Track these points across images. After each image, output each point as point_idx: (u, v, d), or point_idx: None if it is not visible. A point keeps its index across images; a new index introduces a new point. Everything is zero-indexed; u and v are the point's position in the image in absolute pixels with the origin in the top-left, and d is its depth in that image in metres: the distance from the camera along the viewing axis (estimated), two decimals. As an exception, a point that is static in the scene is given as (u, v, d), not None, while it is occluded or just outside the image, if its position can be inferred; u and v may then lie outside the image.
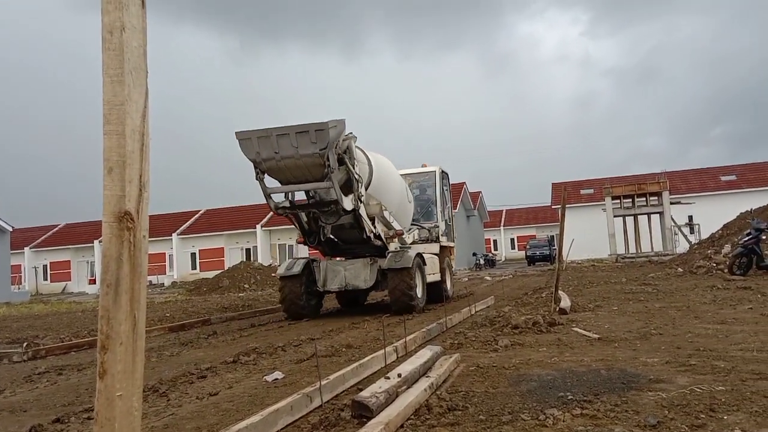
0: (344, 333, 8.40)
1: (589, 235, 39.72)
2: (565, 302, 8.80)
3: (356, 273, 11.33)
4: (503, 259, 66.16)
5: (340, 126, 9.73)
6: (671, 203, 35.16)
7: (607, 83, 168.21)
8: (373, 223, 11.20)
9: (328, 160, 9.47)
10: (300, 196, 10.86)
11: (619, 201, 35.38)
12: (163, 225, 50.36)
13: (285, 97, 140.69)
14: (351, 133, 10.21)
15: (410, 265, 10.79)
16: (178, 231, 49.03)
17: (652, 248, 35.35)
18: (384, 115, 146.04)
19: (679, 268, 17.93)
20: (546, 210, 65.34)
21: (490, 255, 49.71)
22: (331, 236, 11.45)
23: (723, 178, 46.94)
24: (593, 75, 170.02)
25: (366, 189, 10.80)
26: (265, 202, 10.27)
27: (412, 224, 13.36)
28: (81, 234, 52.80)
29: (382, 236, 11.38)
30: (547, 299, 10.17)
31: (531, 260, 44.53)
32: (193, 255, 48.79)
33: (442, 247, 13.57)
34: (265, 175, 9.95)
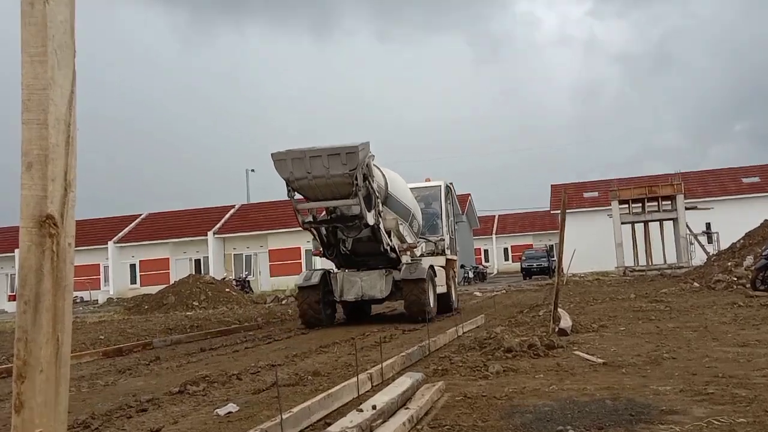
0: (311, 358, 8.36)
1: (593, 245, 40.05)
2: (566, 322, 8.87)
3: (372, 284, 13.61)
4: (495, 271, 66.53)
5: (366, 148, 12.20)
6: (686, 208, 35.68)
7: (616, 71, 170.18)
8: (389, 237, 13.51)
9: (356, 179, 11.94)
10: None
11: (627, 206, 35.79)
12: (97, 231, 49.67)
13: (245, 82, 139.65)
14: (370, 152, 12.45)
15: (424, 277, 13.14)
16: (115, 238, 48.41)
17: (664, 260, 35.83)
18: (359, 104, 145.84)
19: (695, 283, 18.21)
20: (544, 216, 65.91)
21: (481, 267, 49.96)
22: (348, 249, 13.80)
23: (745, 180, 47.81)
24: (600, 61, 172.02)
25: (382, 204, 13.21)
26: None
27: (419, 237, 15.69)
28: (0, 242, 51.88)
29: (397, 249, 13.72)
30: (544, 318, 10.23)
31: (527, 273, 44.80)
32: (132, 267, 48.19)
33: (447, 260, 15.97)
34: (295, 192, 12.44)
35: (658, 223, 36.38)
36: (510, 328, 9.42)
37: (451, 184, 17.55)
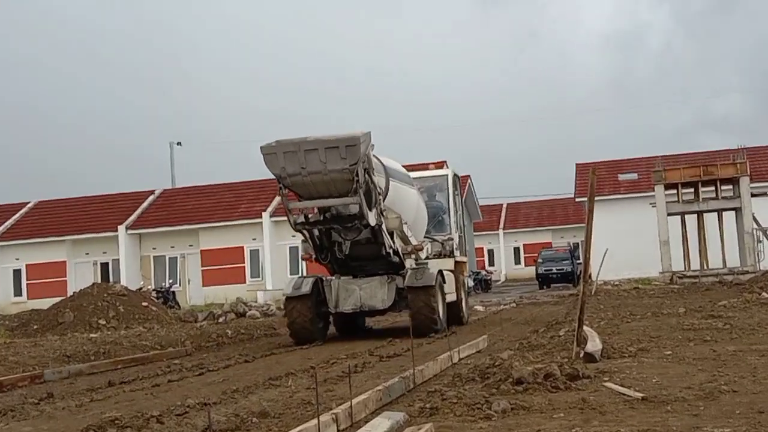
0: (256, 394, 8.37)
1: (630, 243, 40.27)
2: (594, 344, 8.94)
3: (373, 292, 15.36)
4: (503, 278, 66.82)
5: (368, 139, 13.94)
6: (753, 195, 35.84)
7: (662, 16, 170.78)
8: (392, 238, 15.27)
9: (357, 175, 13.62)
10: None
11: (675, 191, 35.88)
12: (-31, 225, 49.09)
13: (167, 27, 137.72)
14: (371, 142, 14.16)
15: (433, 283, 14.98)
16: (-8, 235, 47.92)
17: (724, 263, 36.04)
18: (318, 56, 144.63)
19: (764, 293, 18.43)
20: (567, 204, 66.32)
21: (483, 273, 50.08)
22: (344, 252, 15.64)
23: (829, 158, 48.30)
24: (641, 3, 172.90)
25: (383, 200, 14.82)
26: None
27: (424, 237, 17.70)
28: None
29: (400, 252, 15.51)
30: (566, 339, 10.30)
31: (544, 281, 45.14)
32: (16, 273, 47.74)
33: (456, 263, 18.16)
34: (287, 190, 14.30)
35: (716, 213, 36.49)
36: (521, 353, 9.46)
37: (444, 162, 19.10)
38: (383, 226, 14.75)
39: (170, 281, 43.29)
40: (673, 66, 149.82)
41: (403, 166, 17.52)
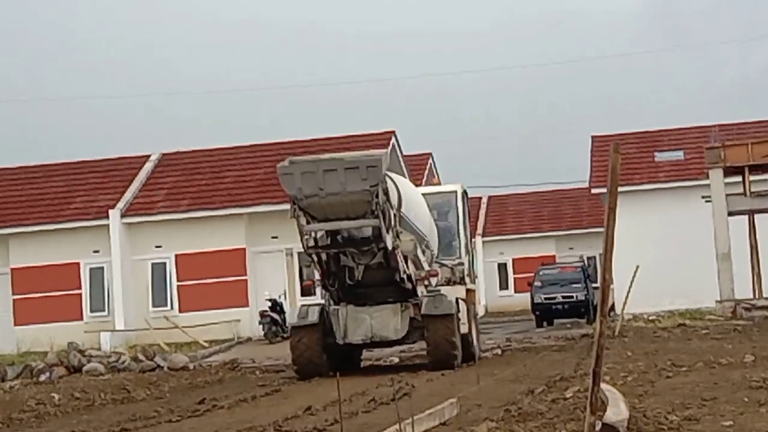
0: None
1: (673, 257, 40.70)
2: (617, 411, 9.01)
3: (385, 321, 20.90)
4: (482, 310, 66.96)
5: (387, 159, 19.04)
6: None
7: None
8: (406, 262, 20.60)
9: (377, 196, 18.93)
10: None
11: (741, 178, 35.98)
12: None
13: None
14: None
15: (452, 312, 20.61)
16: None
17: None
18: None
19: None
20: (578, 198, 66.71)
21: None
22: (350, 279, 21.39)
23: None
24: None
25: (399, 221, 19.97)
26: None
27: (434, 261, 23.42)
28: None
29: (413, 278, 21.02)
30: (576, 404, 10.39)
31: (544, 314, 45.53)
32: None
33: (467, 291, 24.09)
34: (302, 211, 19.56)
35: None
36: (507, 426, 9.53)
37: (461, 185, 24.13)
38: (398, 250, 19.92)
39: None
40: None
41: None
